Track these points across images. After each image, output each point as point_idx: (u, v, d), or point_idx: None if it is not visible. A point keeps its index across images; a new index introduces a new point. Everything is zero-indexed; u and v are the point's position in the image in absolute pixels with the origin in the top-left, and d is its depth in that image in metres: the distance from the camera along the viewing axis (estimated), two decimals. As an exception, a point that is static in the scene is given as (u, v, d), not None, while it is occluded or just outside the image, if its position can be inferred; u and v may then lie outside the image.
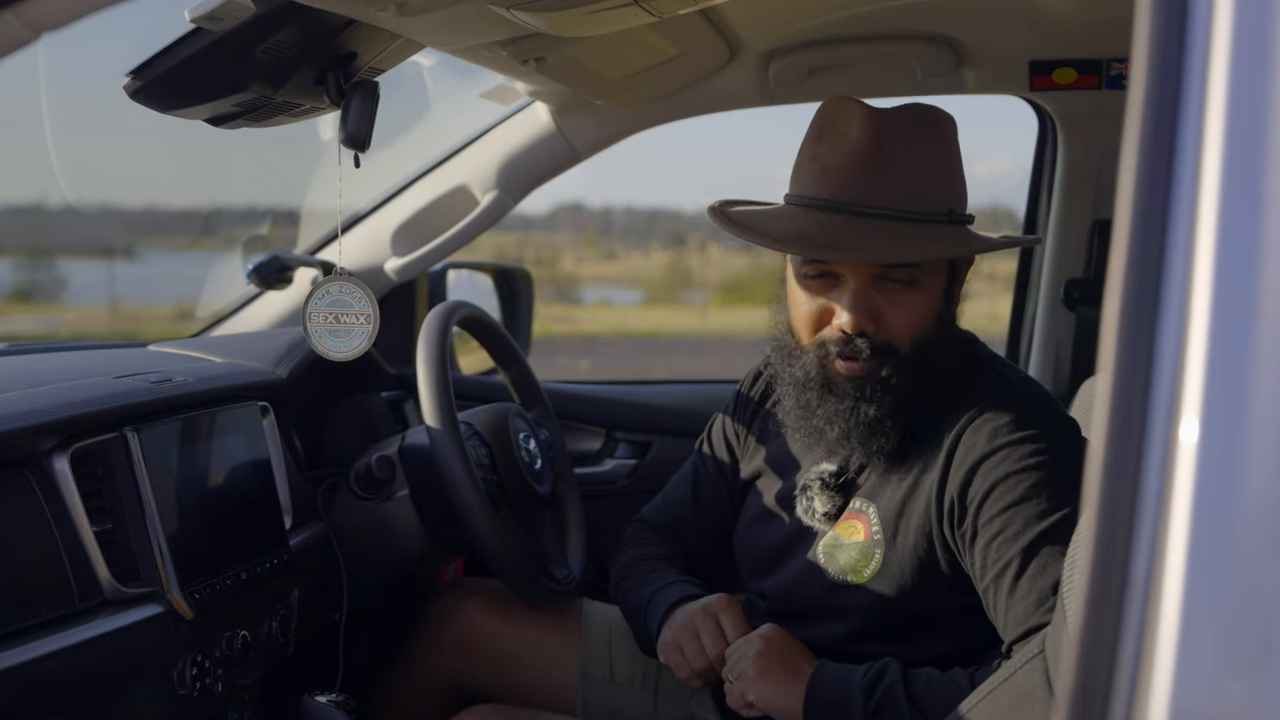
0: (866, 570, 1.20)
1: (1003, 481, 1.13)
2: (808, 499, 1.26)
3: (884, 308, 1.17)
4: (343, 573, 1.50)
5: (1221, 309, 0.53)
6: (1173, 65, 0.55)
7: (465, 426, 1.53)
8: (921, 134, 1.17)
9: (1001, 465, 1.13)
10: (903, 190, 1.15)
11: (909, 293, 1.17)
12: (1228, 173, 0.54)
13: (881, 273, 1.16)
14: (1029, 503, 1.11)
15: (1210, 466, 0.53)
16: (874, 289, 1.16)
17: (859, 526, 1.22)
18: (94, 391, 1.20)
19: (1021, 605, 1.10)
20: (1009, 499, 1.12)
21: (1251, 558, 0.53)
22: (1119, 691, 0.54)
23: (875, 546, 1.20)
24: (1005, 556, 1.11)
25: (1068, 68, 1.77)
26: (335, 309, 1.20)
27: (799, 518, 1.28)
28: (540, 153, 1.83)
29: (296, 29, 1.07)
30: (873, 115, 1.17)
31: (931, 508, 1.17)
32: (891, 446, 1.19)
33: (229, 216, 12.60)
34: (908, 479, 1.20)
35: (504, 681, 1.51)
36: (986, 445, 1.14)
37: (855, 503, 1.24)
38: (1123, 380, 0.55)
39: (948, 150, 1.20)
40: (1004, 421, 1.15)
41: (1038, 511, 1.11)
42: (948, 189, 1.19)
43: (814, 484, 1.26)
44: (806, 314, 1.20)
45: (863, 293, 1.16)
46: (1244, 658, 0.52)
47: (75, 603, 1.09)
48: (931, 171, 1.17)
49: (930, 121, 1.19)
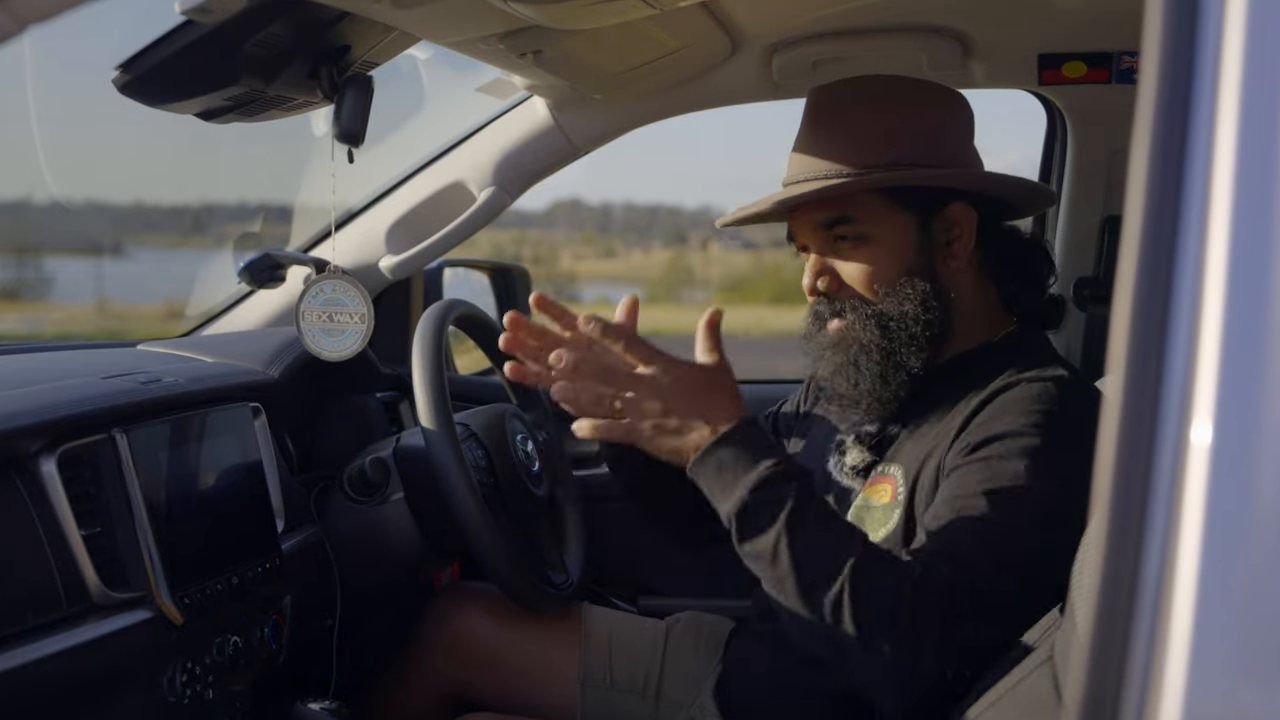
0: (881, 530, 1.18)
1: (999, 437, 1.11)
2: (840, 453, 1.28)
3: (838, 265, 1.23)
4: (336, 577, 1.49)
5: (1234, 307, 0.53)
6: (1184, 58, 0.55)
7: (461, 428, 1.51)
8: (865, 96, 1.24)
9: (1006, 425, 1.11)
10: (831, 152, 1.21)
11: (859, 248, 1.22)
12: (1241, 168, 0.53)
13: (825, 233, 1.23)
14: (1006, 463, 1.08)
15: (1223, 469, 0.52)
16: (828, 251, 1.23)
17: (886, 489, 1.21)
18: (82, 392, 1.19)
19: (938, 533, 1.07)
20: (994, 451, 1.10)
21: (1265, 563, 0.52)
22: (1129, 699, 0.53)
23: (895, 508, 1.19)
24: (954, 491, 1.09)
25: (1077, 61, 1.75)
26: (329, 308, 1.19)
27: (831, 474, 1.28)
28: (538, 148, 1.81)
29: (289, 22, 1.07)
30: (815, 90, 1.26)
31: (940, 468, 1.16)
32: (895, 398, 1.21)
33: (220, 213, 12.62)
34: (928, 441, 1.20)
35: (501, 688, 1.49)
36: (1001, 410, 1.13)
37: (884, 466, 1.24)
38: (1133, 381, 0.54)
39: (899, 112, 1.23)
40: (1033, 394, 1.13)
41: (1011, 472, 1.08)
42: (889, 143, 1.21)
43: (848, 438, 1.28)
44: (803, 287, 1.28)
45: (819, 255, 1.24)
46: (1257, 665, 0.52)
47: (62, 608, 1.07)
48: (868, 128, 1.21)
49: (878, 87, 1.26)
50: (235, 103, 1.15)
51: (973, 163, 1.26)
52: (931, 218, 1.22)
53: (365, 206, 1.88)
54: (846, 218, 1.21)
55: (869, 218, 1.20)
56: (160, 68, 1.06)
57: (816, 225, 1.22)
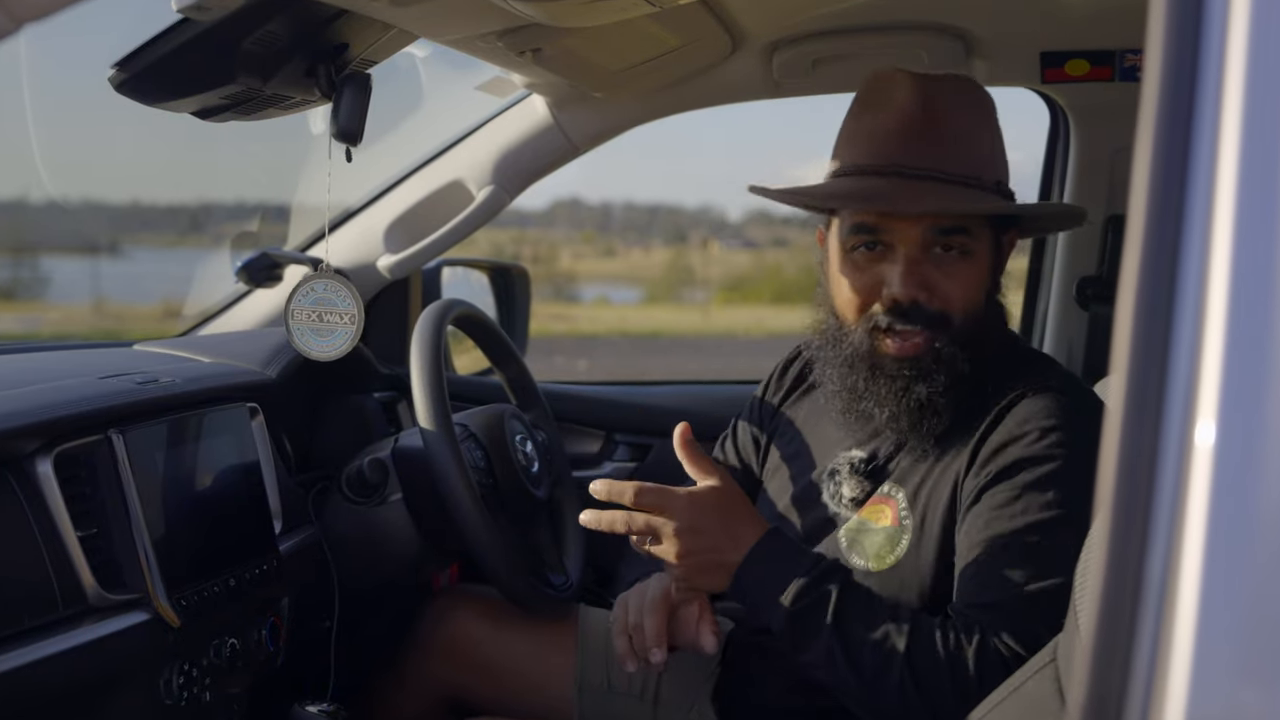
0: (890, 556, 1.18)
1: (1022, 464, 1.11)
2: (835, 484, 1.25)
3: (936, 277, 1.16)
4: (334, 579, 1.48)
5: (1239, 307, 0.52)
6: (1188, 56, 0.54)
7: (460, 428, 1.51)
8: (968, 102, 1.19)
9: (1027, 448, 1.11)
10: (952, 153, 1.15)
11: (961, 262, 1.16)
12: (1245, 167, 0.53)
13: (933, 240, 1.15)
14: (1039, 493, 1.09)
15: (1227, 470, 0.52)
16: (926, 258, 1.15)
17: (886, 511, 1.20)
18: (78, 392, 1.18)
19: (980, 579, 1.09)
20: (1022, 481, 1.10)
21: (1269, 564, 0.51)
22: (1133, 701, 0.53)
23: (902, 532, 1.18)
24: (991, 531, 1.10)
25: (1080, 59, 1.75)
26: (319, 307, 1.18)
27: (825, 504, 1.26)
28: (537, 147, 1.81)
29: (286, 19, 1.06)
30: (919, 81, 1.17)
31: (957, 490, 1.15)
32: (943, 428, 1.17)
33: (217, 212, 12.63)
34: (940, 463, 1.18)
35: (499, 691, 1.49)
36: (1016, 429, 1.13)
37: (885, 488, 1.22)
38: (1137, 381, 0.54)
39: (992, 121, 1.21)
40: (1041, 408, 1.13)
41: (1043, 502, 1.09)
42: (994, 158, 1.19)
43: (843, 468, 1.24)
44: (855, 289, 1.19)
45: (914, 260, 1.15)
46: (1261, 666, 0.51)
47: (58, 610, 1.07)
48: (978, 138, 1.18)
49: (975, 91, 1.21)
50: (232, 101, 1.14)
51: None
52: (1001, 241, 1.22)
53: (363, 205, 1.88)
54: (966, 229, 1.15)
55: (977, 234, 1.16)
56: (157, 66, 1.05)
57: (929, 227, 1.15)
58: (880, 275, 1.17)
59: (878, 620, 1.08)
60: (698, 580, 1.14)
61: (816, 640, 1.08)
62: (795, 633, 1.09)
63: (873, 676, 1.06)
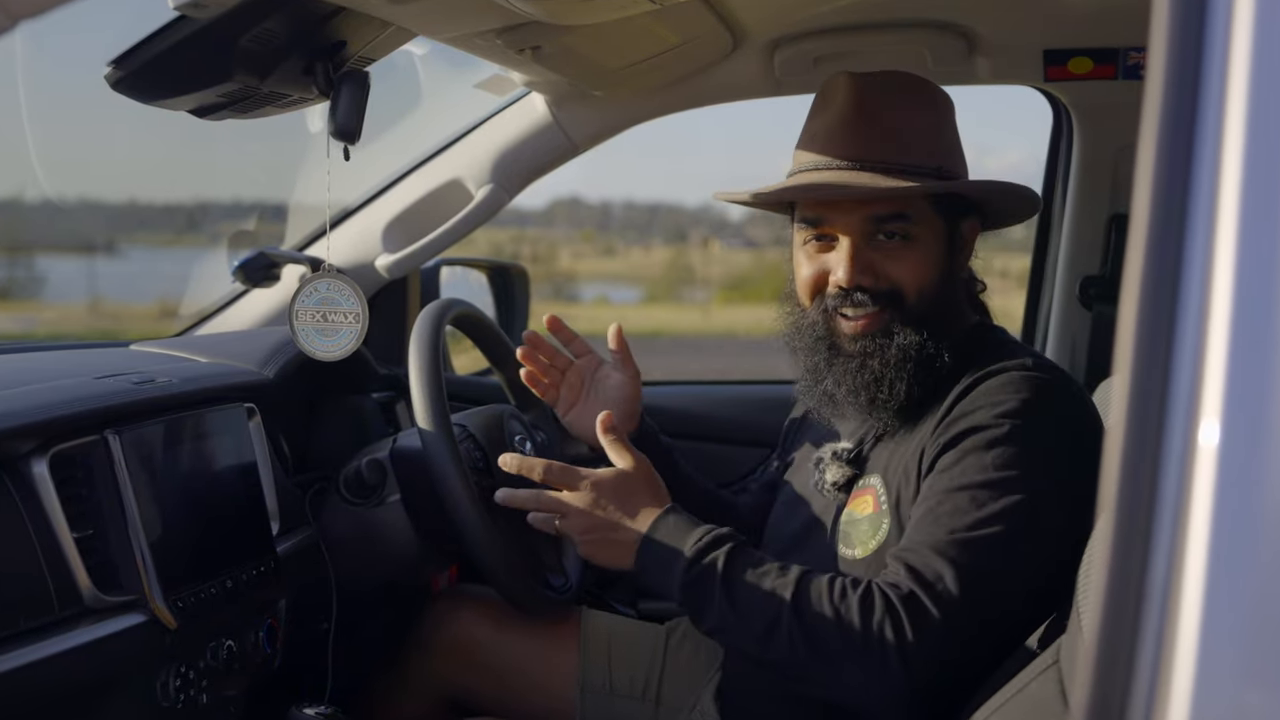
0: (873, 542, 1.19)
1: (971, 431, 1.12)
2: (820, 472, 1.29)
3: (880, 262, 1.21)
4: (332, 580, 1.48)
5: (1243, 307, 0.52)
6: (1192, 54, 0.54)
7: (459, 429, 1.50)
8: (905, 96, 1.22)
9: (980, 418, 1.13)
10: (885, 145, 1.19)
11: (905, 248, 1.20)
12: (1249, 165, 0.53)
13: (873, 228, 1.20)
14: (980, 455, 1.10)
15: (1231, 470, 0.52)
16: (868, 246, 1.20)
17: (869, 500, 1.23)
18: (74, 392, 1.18)
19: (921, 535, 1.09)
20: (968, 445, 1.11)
21: (1273, 565, 0.51)
22: (1136, 703, 0.53)
23: (883, 517, 1.20)
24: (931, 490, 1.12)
25: (1083, 57, 1.75)
26: (323, 307, 1.18)
27: (815, 496, 1.29)
28: (537, 145, 1.81)
29: (284, 17, 1.06)
30: (855, 80, 1.22)
31: (920, 465, 1.17)
32: (899, 402, 1.20)
33: (214, 211, 12.62)
34: (907, 444, 1.21)
35: (499, 693, 1.49)
36: (973, 403, 1.15)
37: (867, 478, 1.25)
38: (1140, 381, 0.54)
39: (936, 114, 1.24)
40: (1003, 383, 1.15)
41: (981, 464, 1.10)
42: (935, 147, 1.22)
43: (826, 456, 1.28)
44: (806, 277, 1.25)
45: (857, 248, 1.20)
46: (1265, 668, 0.51)
47: (55, 611, 1.06)
48: (916, 129, 1.21)
49: (916, 86, 1.24)
50: (229, 99, 1.14)
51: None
52: (956, 227, 1.24)
53: (361, 205, 1.87)
54: (904, 215, 1.19)
55: (919, 219, 1.20)
56: (153, 64, 1.05)
57: (866, 217, 1.19)
58: (827, 264, 1.23)
59: (765, 579, 1.12)
60: (601, 556, 1.21)
61: (710, 606, 1.13)
62: (691, 601, 1.14)
63: (764, 633, 1.10)
